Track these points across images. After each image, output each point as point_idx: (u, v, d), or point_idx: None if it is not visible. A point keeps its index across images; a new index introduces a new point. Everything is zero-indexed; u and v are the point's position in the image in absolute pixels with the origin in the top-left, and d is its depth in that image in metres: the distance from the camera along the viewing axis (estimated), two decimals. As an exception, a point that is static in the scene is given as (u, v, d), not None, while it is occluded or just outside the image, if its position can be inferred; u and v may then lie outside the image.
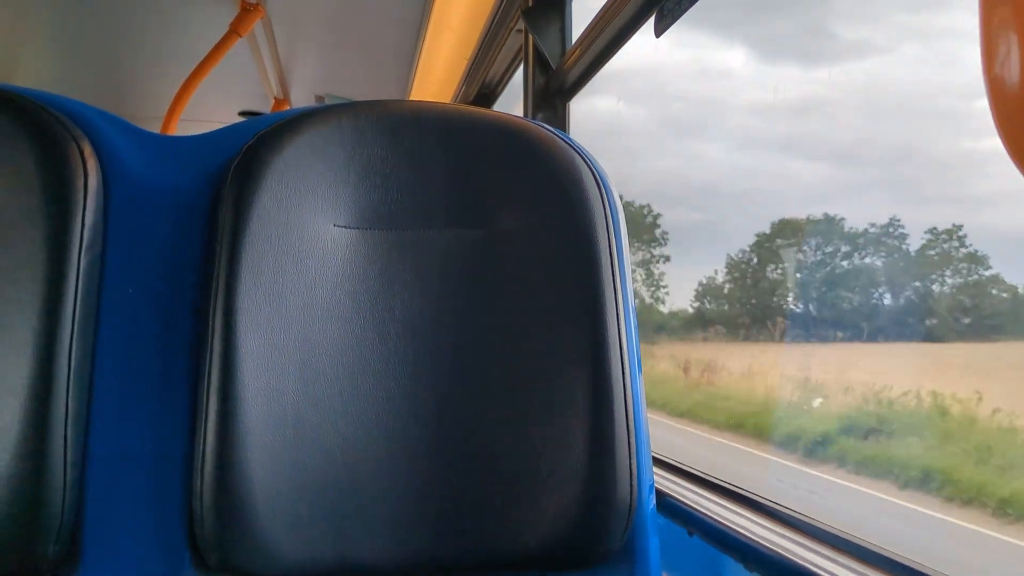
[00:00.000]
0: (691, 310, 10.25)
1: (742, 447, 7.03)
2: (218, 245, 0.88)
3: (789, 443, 6.48)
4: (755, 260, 9.40)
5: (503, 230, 0.92)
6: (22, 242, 0.84)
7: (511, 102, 2.86)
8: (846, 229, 7.93)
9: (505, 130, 0.96)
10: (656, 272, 10.65)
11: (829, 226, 8.02)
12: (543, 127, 0.97)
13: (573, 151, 0.95)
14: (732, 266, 9.69)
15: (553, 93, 2.10)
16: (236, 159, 0.90)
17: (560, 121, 2.10)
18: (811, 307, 8.65)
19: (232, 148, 0.92)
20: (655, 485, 0.98)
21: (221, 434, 0.84)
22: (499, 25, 2.48)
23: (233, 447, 0.84)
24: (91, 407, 0.87)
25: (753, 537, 1.07)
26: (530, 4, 2.12)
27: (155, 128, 2.76)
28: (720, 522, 1.15)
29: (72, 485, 0.84)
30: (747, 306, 9.56)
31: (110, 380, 0.88)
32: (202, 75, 2.68)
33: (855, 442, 5.91)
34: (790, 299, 8.89)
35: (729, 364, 8.69)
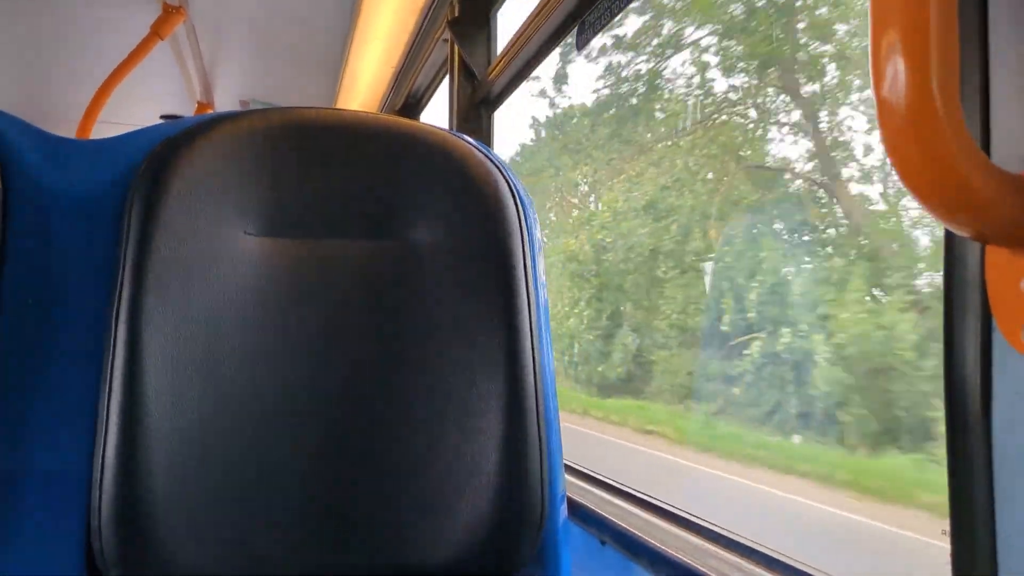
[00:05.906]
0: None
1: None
2: (123, 252, 0.86)
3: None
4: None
5: (418, 241, 0.92)
6: None
7: (440, 112, 2.86)
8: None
9: (422, 141, 0.95)
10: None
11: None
12: (462, 138, 0.97)
13: (491, 163, 0.95)
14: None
15: (478, 103, 2.11)
16: (143, 164, 0.88)
17: (485, 131, 2.11)
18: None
19: (142, 152, 0.90)
20: (567, 494, 0.98)
21: (121, 446, 0.82)
22: (425, 35, 2.48)
23: (134, 459, 0.82)
24: None
25: (661, 545, 1.09)
26: (456, 15, 2.13)
27: (71, 130, 2.68)
28: (630, 531, 1.17)
29: None
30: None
31: (7, 392, 0.85)
32: (120, 77, 2.60)
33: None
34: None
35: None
